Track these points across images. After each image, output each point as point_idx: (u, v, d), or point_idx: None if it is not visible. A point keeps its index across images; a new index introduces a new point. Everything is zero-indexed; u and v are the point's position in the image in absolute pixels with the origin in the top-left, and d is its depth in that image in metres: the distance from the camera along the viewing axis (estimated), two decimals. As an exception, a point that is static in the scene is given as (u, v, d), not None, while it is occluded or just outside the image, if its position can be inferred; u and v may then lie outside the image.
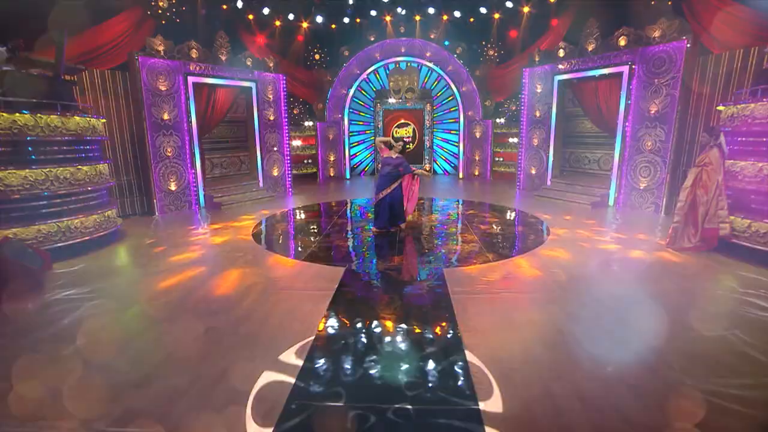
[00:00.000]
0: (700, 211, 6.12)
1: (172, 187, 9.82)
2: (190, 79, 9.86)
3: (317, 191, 12.81)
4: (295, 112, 14.77)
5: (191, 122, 9.99)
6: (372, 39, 14.16)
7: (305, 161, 15.12)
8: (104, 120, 7.35)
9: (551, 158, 11.33)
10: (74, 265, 5.88)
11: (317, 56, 14.78)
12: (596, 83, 10.04)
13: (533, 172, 11.93)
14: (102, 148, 7.56)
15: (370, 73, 14.72)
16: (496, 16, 13.28)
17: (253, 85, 11.36)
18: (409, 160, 8.04)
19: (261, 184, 11.93)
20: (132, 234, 7.73)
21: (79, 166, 6.42)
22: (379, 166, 7.86)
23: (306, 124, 14.81)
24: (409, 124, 15.73)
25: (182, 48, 9.68)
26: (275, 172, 12.31)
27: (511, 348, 3.57)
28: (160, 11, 10.04)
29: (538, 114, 11.52)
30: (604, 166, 11.11)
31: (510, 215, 9.10)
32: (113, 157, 8.93)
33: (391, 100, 15.06)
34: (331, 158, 15.14)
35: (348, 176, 15.42)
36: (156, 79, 9.23)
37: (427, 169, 15.63)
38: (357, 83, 14.73)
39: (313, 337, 3.75)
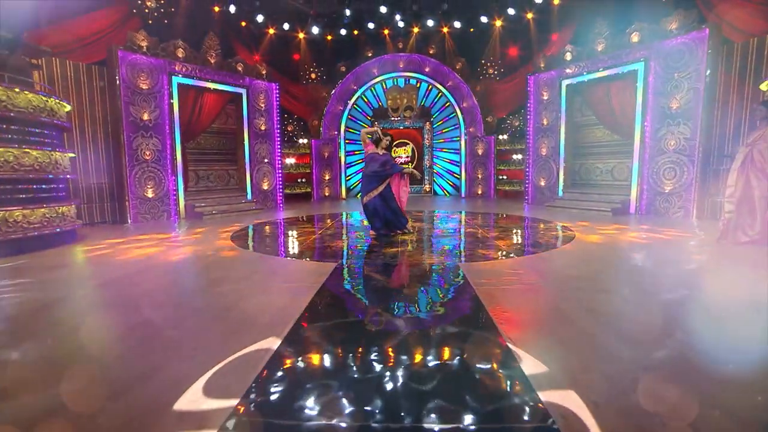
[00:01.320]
0: (756, 195, 5.20)
1: (149, 193, 8.85)
2: (175, 80, 9.15)
3: (311, 208, 11.86)
4: (289, 128, 14.10)
5: (174, 125, 9.18)
6: (369, 54, 13.75)
7: (299, 180, 14.28)
8: (69, 108, 6.50)
9: (562, 167, 10.54)
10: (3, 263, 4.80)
11: (313, 75, 14.31)
12: (608, 85, 9.43)
13: (542, 183, 11.11)
14: (63, 136, 6.67)
15: (367, 89, 14.21)
16: (498, 23, 12.84)
17: (243, 92, 10.69)
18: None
19: (249, 197, 11.00)
20: (94, 237, 6.67)
21: (27, 150, 5.47)
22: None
23: (300, 141, 14.10)
24: (408, 144, 15.07)
25: (167, 46, 9.04)
26: (265, 185, 11.41)
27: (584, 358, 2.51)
28: (147, 10, 9.49)
29: (545, 122, 10.86)
30: (619, 176, 10.30)
31: (524, 221, 8.14)
32: (83, 156, 8.01)
33: (392, 119, 14.47)
34: (326, 177, 14.32)
35: (344, 196, 14.53)
36: (137, 76, 8.50)
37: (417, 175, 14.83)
38: (354, 99, 14.18)
39: (279, 343, 2.68)
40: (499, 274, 4.08)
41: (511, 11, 12.26)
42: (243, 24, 11.85)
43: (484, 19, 12.72)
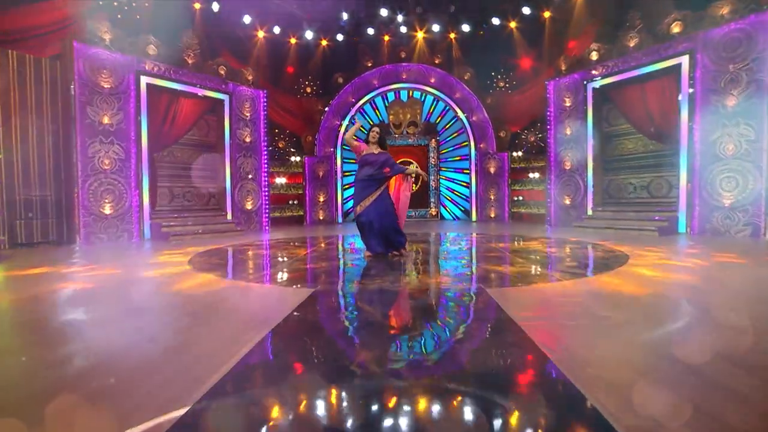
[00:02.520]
0: None
1: (107, 209, 7.65)
2: (145, 80, 8.15)
3: (301, 231, 10.61)
4: (280, 145, 13.07)
5: (141, 132, 8.10)
6: (369, 65, 12.89)
7: (290, 202, 13.11)
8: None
9: (590, 181, 9.33)
10: None
11: (309, 88, 13.42)
12: (643, 86, 8.36)
13: (567, 202, 9.87)
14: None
15: (366, 102, 13.26)
16: (512, 24, 11.94)
17: (226, 98, 9.69)
18: (411, 204, 5.86)
19: (229, 217, 9.78)
20: (19, 258, 5.42)
21: None
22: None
23: (292, 158, 13.04)
24: (411, 163, 13.95)
25: (137, 42, 8.09)
26: (249, 205, 10.22)
27: None
28: (116, 3, 8.61)
29: (568, 132, 9.74)
30: (657, 192, 9.06)
31: (554, 240, 6.86)
32: (23, 165, 6.86)
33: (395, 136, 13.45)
34: (321, 199, 13.16)
35: (340, 220, 13.31)
36: (97, 73, 7.50)
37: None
38: (352, 113, 13.21)
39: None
40: (546, 303, 2.79)
41: (526, 10, 11.36)
42: (229, 26, 10.96)
43: (496, 21, 11.82)
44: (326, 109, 13.02)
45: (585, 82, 9.25)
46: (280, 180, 12.86)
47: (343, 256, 5.59)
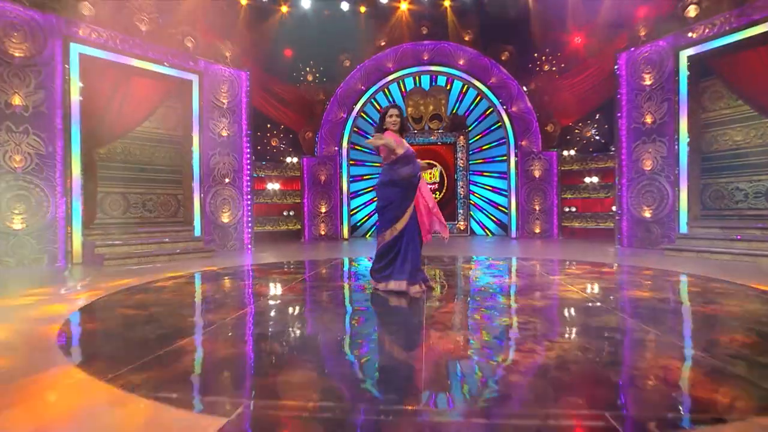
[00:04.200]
0: None
1: (16, 223, 5.89)
2: (77, 50, 6.43)
3: (297, 252, 8.71)
4: (273, 143, 11.27)
5: (71, 118, 6.36)
6: (382, 44, 11.04)
7: (285, 213, 11.26)
8: None
9: (684, 186, 7.18)
10: None
11: (310, 76, 11.58)
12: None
13: (647, 214, 7.72)
14: None
15: (379, 91, 11.38)
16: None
17: (195, 79, 7.93)
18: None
19: (197, 233, 7.94)
20: None
21: None
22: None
23: (288, 160, 11.21)
24: (435, 165, 11.98)
25: (66, -2, 6.40)
26: (225, 218, 8.39)
27: None
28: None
29: (649, 120, 7.63)
30: (780, 202, 6.85)
31: (667, 281, 4.76)
32: None
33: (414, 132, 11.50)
34: (322, 210, 11.26)
35: (346, 236, 11.37)
36: (5, 36, 5.80)
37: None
38: (361, 104, 11.34)
39: None
40: None
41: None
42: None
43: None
44: (330, 97, 11.18)
45: (678, 51, 7.14)
46: (273, 186, 11.04)
47: (345, 298, 3.63)
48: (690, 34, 6.95)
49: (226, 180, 8.42)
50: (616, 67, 8.07)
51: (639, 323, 2.73)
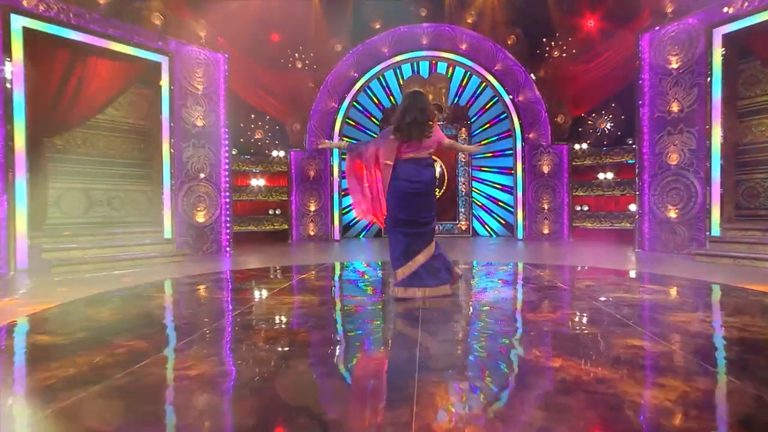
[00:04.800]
0: None
1: (-55, 225, 5.13)
2: (20, 22, 5.66)
3: (281, 255, 7.99)
4: (257, 135, 10.51)
5: (12, 103, 5.60)
6: (377, 26, 10.27)
7: (271, 212, 10.52)
8: None
9: (717, 183, 6.46)
10: None
11: (299, 63, 10.75)
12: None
13: (673, 215, 7.00)
14: None
15: (373, 78, 10.62)
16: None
17: (164, 61, 7.16)
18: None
19: (167, 235, 7.19)
20: None
21: None
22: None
23: (274, 153, 10.46)
24: (435, 161, 11.22)
25: (7, -37, 5.62)
26: (200, 217, 7.64)
27: None
28: None
29: (675, 108, 6.90)
30: (826, 201, 6.14)
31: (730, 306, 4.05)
32: None
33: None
34: (311, 208, 10.51)
35: (337, 237, 10.63)
36: (-69, 6, 5.04)
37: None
38: (354, 92, 10.58)
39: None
40: None
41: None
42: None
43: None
44: (320, 86, 10.41)
45: (709, 28, 6.40)
46: (258, 182, 10.30)
47: (340, 321, 2.89)
48: (726, 9, 6.20)
49: (202, 175, 7.67)
50: (638, 48, 7.32)
51: (736, 379, 2.00)
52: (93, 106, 6.59)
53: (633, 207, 8.26)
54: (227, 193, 8.04)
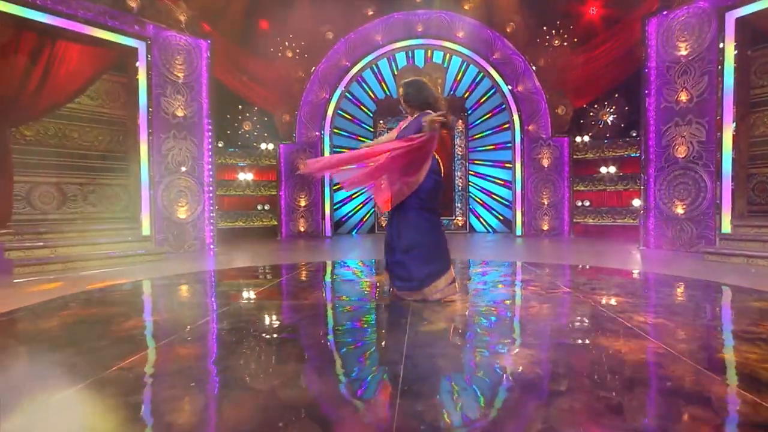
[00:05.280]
0: None
1: None
2: (-21, 3, 5.27)
3: (269, 252, 7.65)
4: (245, 127, 10.12)
5: (-28, 89, 5.21)
6: (370, 13, 9.88)
7: (259, 207, 10.15)
8: None
9: (728, 180, 6.14)
10: None
11: (290, 51, 10.30)
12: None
13: (680, 211, 6.68)
14: None
15: (366, 68, 10.24)
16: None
17: (141, 46, 6.76)
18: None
19: (145, 232, 6.83)
20: None
21: None
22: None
23: (263, 147, 10.08)
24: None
25: (-36, -62, 5.20)
26: (182, 213, 7.27)
27: None
28: None
29: (684, 98, 6.56)
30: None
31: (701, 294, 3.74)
32: None
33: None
34: (301, 203, 10.15)
35: (328, 233, 10.27)
36: None
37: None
38: (346, 82, 10.19)
39: None
40: None
41: None
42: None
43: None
44: (311, 74, 10.02)
45: (721, 11, 6.05)
46: (245, 176, 9.94)
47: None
48: (741, -9, 5.86)
49: (183, 168, 7.29)
50: (644, 35, 6.96)
51: None
52: (62, 94, 6.19)
53: (637, 202, 7.95)
54: (211, 188, 7.67)
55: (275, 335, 2.72)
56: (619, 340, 2.38)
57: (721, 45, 6.08)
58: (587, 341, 2.46)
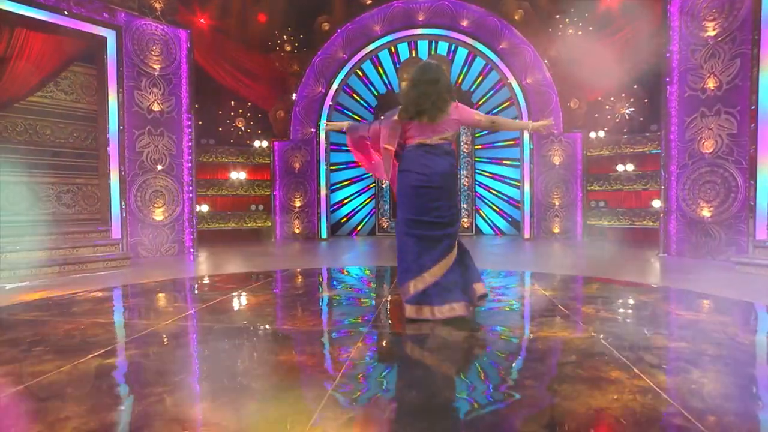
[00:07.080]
0: None
1: None
2: None
3: (262, 254, 7.08)
4: (238, 124, 9.58)
5: None
6: (369, 2, 9.20)
7: (252, 207, 9.59)
8: None
9: (762, 179, 5.26)
10: None
11: (288, 45, 9.70)
12: None
13: (706, 213, 5.82)
14: None
15: (365, 59, 9.56)
16: None
17: (110, 35, 6.25)
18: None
19: (116, 235, 6.31)
20: None
21: None
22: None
23: (256, 144, 9.52)
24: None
25: None
26: (158, 215, 6.75)
27: None
28: None
29: (712, 84, 5.70)
30: None
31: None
32: None
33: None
34: (297, 203, 9.54)
35: (324, 235, 9.64)
36: None
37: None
38: (343, 75, 9.53)
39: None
40: None
41: None
42: None
43: None
44: (306, 69, 9.40)
45: (756, -16, 5.19)
46: (238, 175, 9.39)
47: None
48: (780, -42, 4.99)
49: (159, 167, 6.75)
50: (667, 16, 6.11)
51: None
52: (23, 87, 5.71)
53: (657, 203, 7.09)
54: (191, 188, 7.13)
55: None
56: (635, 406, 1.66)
57: (756, 22, 5.20)
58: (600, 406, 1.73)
